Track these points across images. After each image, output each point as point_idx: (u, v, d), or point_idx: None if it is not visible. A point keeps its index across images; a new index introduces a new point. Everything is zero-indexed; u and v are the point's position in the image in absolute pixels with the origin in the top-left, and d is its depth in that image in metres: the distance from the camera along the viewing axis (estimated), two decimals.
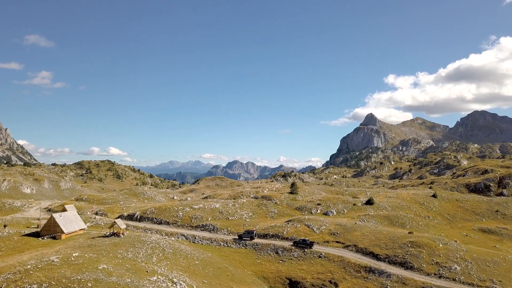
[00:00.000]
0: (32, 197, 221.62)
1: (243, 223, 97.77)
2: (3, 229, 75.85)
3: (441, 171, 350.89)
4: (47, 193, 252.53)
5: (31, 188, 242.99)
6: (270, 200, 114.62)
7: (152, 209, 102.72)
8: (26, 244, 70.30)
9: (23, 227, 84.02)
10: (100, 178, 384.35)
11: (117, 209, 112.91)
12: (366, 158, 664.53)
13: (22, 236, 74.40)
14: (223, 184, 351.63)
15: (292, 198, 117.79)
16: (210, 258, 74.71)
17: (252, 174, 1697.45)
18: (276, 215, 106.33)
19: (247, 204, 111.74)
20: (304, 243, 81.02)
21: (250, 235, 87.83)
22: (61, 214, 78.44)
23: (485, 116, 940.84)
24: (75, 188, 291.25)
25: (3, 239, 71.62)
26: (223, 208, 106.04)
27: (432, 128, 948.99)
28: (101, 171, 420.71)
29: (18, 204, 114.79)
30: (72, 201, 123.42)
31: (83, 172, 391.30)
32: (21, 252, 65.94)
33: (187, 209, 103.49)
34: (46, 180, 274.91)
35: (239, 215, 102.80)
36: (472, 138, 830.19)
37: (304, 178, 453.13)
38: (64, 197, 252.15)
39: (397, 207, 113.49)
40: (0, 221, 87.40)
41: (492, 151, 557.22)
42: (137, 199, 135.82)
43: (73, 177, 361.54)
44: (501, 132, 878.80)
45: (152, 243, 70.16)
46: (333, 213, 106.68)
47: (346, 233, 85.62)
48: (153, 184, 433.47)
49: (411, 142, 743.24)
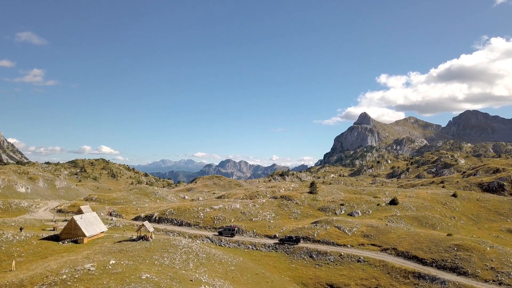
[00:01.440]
0: (27, 196, 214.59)
1: (268, 225, 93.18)
2: (20, 233, 70.14)
3: (439, 170, 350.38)
4: (42, 192, 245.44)
5: (26, 187, 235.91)
6: (291, 200, 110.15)
7: (171, 210, 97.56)
8: (47, 249, 64.84)
9: (38, 230, 78.34)
10: (94, 177, 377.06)
11: (131, 210, 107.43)
12: (361, 157, 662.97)
13: (41, 240, 68.83)
14: (221, 183, 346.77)
15: (312, 198, 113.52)
16: (244, 263, 70.10)
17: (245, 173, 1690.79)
18: (299, 216, 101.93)
19: (268, 205, 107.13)
20: (291, 240, 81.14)
21: (231, 232, 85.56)
22: (82, 216, 73.03)
23: (477, 116, 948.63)
24: (70, 187, 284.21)
25: (22, 244, 66.03)
26: (244, 209, 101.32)
27: (425, 127, 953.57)
28: (96, 169, 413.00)
29: (25, 205, 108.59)
30: (82, 201, 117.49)
31: (78, 171, 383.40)
32: (43, 258, 60.53)
33: (208, 210, 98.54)
34: (41, 179, 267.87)
35: (262, 216, 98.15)
36: (465, 137, 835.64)
37: (301, 177, 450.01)
38: (60, 196, 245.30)
39: (422, 207, 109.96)
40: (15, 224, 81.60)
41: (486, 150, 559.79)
42: (149, 199, 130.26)
43: (67, 176, 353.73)
44: (492, 132, 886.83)
45: (185, 247, 65.27)
46: (358, 214, 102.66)
47: (380, 235, 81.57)
48: (148, 183, 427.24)
49: (405, 141, 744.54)
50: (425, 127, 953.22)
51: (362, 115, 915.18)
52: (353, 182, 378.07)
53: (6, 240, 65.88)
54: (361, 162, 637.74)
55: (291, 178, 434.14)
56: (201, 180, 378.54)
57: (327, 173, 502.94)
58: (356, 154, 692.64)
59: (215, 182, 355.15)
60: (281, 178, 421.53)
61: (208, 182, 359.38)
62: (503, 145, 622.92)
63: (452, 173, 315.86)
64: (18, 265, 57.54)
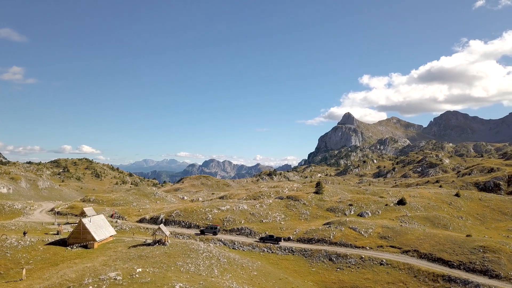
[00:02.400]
0: (9, 197, 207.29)
1: (279, 226, 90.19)
2: (24, 238, 65.19)
3: (425, 169, 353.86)
4: (25, 193, 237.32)
5: (8, 187, 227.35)
6: (298, 201, 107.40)
7: (178, 211, 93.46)
8: (56, 255, 60.25)
9: (41, 234, 73.25)
10: (78, 177, 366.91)
11: (132, 211, 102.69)
12: (346, 157, 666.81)
13: (48, 245, 64.11)
14: (209, 183, 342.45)
15: (319, 199, 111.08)
16: (264, 268, 66.93)
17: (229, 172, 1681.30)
18: (309, 217, 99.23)
19: (275, 205, 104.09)
20: (272, 239, 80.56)
21: (213, 230, 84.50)
22: (91, 219, 68.48)
23: (457, 116, 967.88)
24: (54, 188, 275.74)
25: (27, 249, 61.25)
26: (252, 210, 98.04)
27: (407, 127, 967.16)
28: (79, 169, 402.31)
29: (19, 207, 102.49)
30: (80, 203, 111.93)
31: (60, 171, 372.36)
32: (54, 265, 56.05)
33: (215, 211, 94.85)
34: (23, 179, 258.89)
35: (272, 217, 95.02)
36: (445, 137, 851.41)
37: (289, 176, 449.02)
38: (43, 196, 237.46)
39: (429, 207, 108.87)
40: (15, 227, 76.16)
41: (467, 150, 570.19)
42: (149, 200, 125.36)
43: (50, 176, 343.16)
44: (472, 132, 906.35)
45: (205, 252, 61.71)
46: (368, 214, 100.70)
47: (397, 237, 79.59)
48: (133, 183, 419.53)
49: (388, 141, 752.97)
50: (407, 127, 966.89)
51: (346, 115, 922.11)
52: (340, 182, 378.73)
53: (10, 246, 61.06)
54: (346, 162, 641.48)
55: (278, 177, 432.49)
56: (188, 180, 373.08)
57: (314, 173, 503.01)
58: (341, 154, 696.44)
59: (203, 182, 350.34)
60: (268, 178, 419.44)
61: (195, 182, 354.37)
62: (483, 145, 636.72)
63: (438, 173, 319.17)
64: (29, 273, 52.98)
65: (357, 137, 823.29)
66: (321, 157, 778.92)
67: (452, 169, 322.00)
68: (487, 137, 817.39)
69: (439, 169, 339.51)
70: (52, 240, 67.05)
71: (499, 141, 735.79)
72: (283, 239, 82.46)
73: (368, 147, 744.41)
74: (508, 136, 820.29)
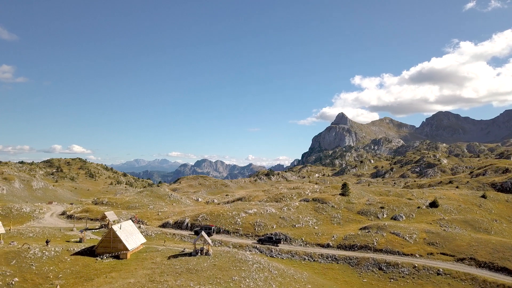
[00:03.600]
0: (3, 197, 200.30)
1: (313, 232, 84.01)
2: (47, 247, 57.95)
3: (423, 169, 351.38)
4: (19, 194, 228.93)
5: (1, 188, 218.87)
6: (326, 204, 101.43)
7: (204, 215, 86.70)
8: (87, 267, 53.26)
9: (61, 241, 65.98)
10: (72, 177, 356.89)
11: (151, 215, 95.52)
12: (341, 157, 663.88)
13: (74, 256, 57.06)
14: (207, 183, 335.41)
15: (347, 201, 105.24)
16: (314, 279, 60.73)
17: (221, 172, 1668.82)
18: (341, 220, 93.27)
19: (303, 209, 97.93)
20: (271, 240, 76.34)
21: (207, 231, 79.56)
22: (121, 226, 61.49)
23: (449, 117, 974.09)
24: (48, 188, 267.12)
25: (54, 261, 54.16)
26: (281, 213, 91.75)
27: (400, 127, 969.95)
28: (73, 169, 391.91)
29: (28, 210, 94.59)
30: (92, 205, 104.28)
31: (54, 171, 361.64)
32: (89, 279, 49.13)
33: (243, 215, 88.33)
34: (17, 180, 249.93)
35: (303, 222, 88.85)
36: (437, 138, 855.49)
37: (287, 176, 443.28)
38: (37, 197, 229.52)
39: (462, 210, 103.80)
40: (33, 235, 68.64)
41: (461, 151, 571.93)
42: (164, 202, 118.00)
43: (43, 176, 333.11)
44: (464, 132, 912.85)
45: (255, 263, 55.35)
46: (403, 217, 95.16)
47: (446, 243, 74.10)
48: (128, 183, 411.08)
49: (382, 141, 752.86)
50: (400, 127, 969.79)
51: (340, 115, 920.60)
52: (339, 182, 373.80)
53: (35, 257, 53.96)
54: (340, 162, 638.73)
55: (276, 178, 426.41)
56: (185, 180, 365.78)
57: (311, 173, 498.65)
58: (336, 154, 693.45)
59: (200, 182, 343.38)
60: (266, 178, 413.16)
61: (192, 182, 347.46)
62: (476, 145, 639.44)
63: (436, 173, 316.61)
64: None
65: (350, 137, 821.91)
66: (315, 157, 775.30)
67: (450, 169, 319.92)
68: (479, 138, 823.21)
69: (438, 169, 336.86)
70: (77, 249, 59.95)
71: (490, 141, 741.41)
72: (324, 245, 76.44)
73: (362, 147, 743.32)
74: (499, 136, 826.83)
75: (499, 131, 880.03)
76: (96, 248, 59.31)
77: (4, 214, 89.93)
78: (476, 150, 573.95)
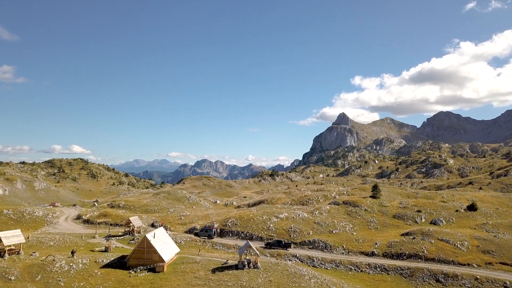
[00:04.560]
0: (5, 198, 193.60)
1: (353, 238, 77.62)
2: (73, 258, 51.31)
3: (429, 170, 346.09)
4: (21, 194, 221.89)
5: (4, 188, 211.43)
6: (358, 207, 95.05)
7: (233, 220, 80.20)
8: (122, 282, 46.74)
9: (85, 251, 59.24)
10: (74, 178, 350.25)
11: (173, 219, 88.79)
12: (343, 157, 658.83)
13: (104, 268, 50.51)
14: (211, 184, 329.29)
15: (379, 204, 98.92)
16: None
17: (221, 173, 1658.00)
18: (378, 225, 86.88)
19: (335, 212, 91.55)
20: (280, 244, 71.55)
21: (208, 233, 75.67)
22: (154, 235, 54.87)
23: (450, 117, 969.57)
24: (50, 189, 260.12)
25: (83, 275, 47.61)
26: (314, 218, 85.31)
27: (401, 127, 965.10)
28: (74, 170, 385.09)
29: (40, 214, 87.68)
30: (109, 209, 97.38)
31: (55, 171, 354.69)
32: None
33: (274, 219, 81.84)
34: (19, 180, 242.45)
35: (340, 227, 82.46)
36: (439, 138, 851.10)
37: (291, 177, 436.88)
38: (40, 198, 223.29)
39: (502, 213, 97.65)
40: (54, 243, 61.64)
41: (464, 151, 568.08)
42: (184, 205, 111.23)
43: (45, 177, 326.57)
44: (465, 133, 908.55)
45: (312, 278, 49.16)
46: (443, 222, 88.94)
47: (503, 251, 67.93)
48: (130, 184, 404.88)
49: (384, 141, 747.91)
50: (401, 127, 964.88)
51: (341, 116, 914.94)
52: (344, 182, 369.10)
53: (61, 271, 47.41)
54: (343, 162, 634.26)
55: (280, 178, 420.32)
56: (189, 181, 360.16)
57: (315, 173, 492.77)
58: (338, 154, 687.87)
59: (204, 182, 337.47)
60: (270, 178, 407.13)
61: (196, 182, 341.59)
62: (479, 146, 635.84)
63: (443, 173, 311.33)
64: None
65: (352, 137, 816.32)
66: (316, 157, 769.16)
67: (457, 170, 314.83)
68: (480, 138, 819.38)
69: (444, 170, 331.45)
70: (106, 260, 53.34)
71: (491, 141, 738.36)
72: (368, 253, 70.05)
73: (364, 147, 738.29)
74: (500, 136, 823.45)
75: (500, 131, 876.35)
76: (128, 259, 52.72)
77: (16, 219, 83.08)
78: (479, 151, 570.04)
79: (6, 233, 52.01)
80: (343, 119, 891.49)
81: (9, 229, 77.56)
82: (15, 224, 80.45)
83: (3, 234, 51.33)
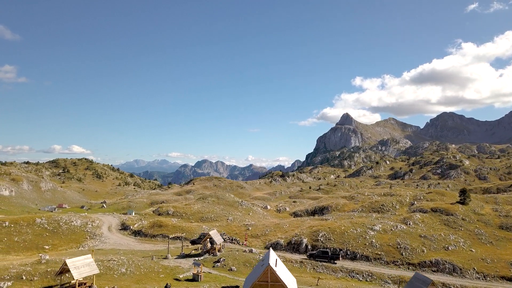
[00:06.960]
0: (12, 200, 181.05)
1: (477, 257, 62.60)
2: None
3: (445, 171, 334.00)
4: (27, 195, 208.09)
5: (10, 189, 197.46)
6: (452, 215, 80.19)
7: (324, 233, 64.94)
8: None
9: (169, 280, 43.67)
10: (79, 178, 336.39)
11: (238, 230, 73.31)
12: (349, 158, 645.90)
13: None
14: (222, 185, 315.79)
15: (473, 211, 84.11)
16: None
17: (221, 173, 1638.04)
18: (492, 239, 71.95)
19: (429, 222, 76.66)
20: (325, 256, 58.75)
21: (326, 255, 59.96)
22: (276, 262, 39.70)
23: (453, 118, 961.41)
24: (56, 190, 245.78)
25: None
26: (414, 230, 70.41)
27: (404, 128, 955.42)
28: (79, 170, 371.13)
29: (78, 223, 71.85)
30: (159, 217, 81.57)
31: (60, 171, 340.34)
32: None
33: (371, 233, 66.80)
34: (25, 181, 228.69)
35: (454, 243, 67.40)
36: (442, 138, 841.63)
37: (303, 178, 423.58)
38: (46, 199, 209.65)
39: None
40: (127, 270, 46.08)
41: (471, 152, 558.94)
42: (239, 212, 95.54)
43: (49, 177, 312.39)
44: (468, 133, 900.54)
45: None
46: None
47: None
48: (136, 185, 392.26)
49: (390, 142, 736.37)
50: (404, 128, 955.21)
51: (344, 116, 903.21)
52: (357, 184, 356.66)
53: None
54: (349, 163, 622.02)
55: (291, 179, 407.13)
56: (199, 182, 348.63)
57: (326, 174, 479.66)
58: (344, 155, 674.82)
59: (215, 183, 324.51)
60: (281, 179, 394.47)
61: (207, 183, 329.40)
62: (487, 147, 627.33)
63: (460, 174, 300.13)
64: None
65: (356, 138, 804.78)
66: (321, 158, 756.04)
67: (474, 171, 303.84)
68: (484, 138, 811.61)
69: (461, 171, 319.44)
70: None
71: (496, 142, 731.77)
72: (509, 278, 55.20)
73: (369, 148, 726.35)
74: (504, 137, 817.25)
75: (504, 132, 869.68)
76: None
77: (51, 230, 67.23)
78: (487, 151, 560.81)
79: (75, 261, 36.26)
80: (346, 120, 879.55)
81: (46, 243, 62.08)
82: (51, 236, 64.79)
83: (72, 263, 35.63)
